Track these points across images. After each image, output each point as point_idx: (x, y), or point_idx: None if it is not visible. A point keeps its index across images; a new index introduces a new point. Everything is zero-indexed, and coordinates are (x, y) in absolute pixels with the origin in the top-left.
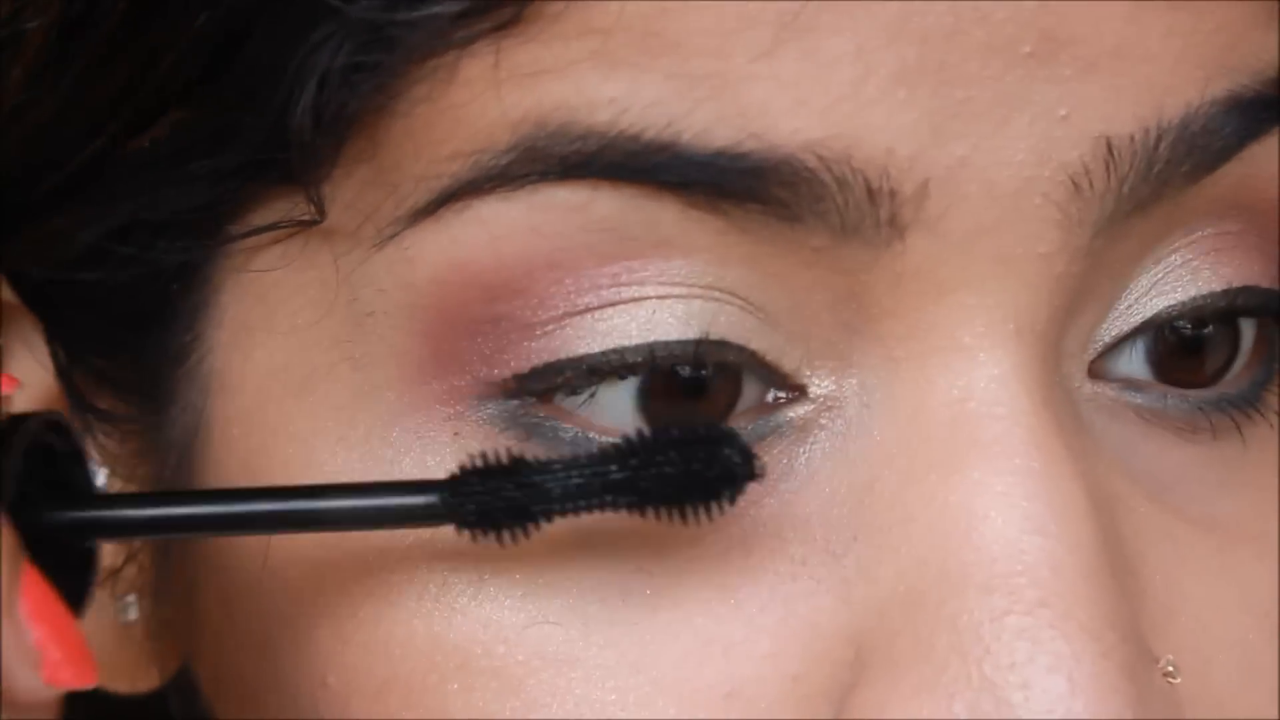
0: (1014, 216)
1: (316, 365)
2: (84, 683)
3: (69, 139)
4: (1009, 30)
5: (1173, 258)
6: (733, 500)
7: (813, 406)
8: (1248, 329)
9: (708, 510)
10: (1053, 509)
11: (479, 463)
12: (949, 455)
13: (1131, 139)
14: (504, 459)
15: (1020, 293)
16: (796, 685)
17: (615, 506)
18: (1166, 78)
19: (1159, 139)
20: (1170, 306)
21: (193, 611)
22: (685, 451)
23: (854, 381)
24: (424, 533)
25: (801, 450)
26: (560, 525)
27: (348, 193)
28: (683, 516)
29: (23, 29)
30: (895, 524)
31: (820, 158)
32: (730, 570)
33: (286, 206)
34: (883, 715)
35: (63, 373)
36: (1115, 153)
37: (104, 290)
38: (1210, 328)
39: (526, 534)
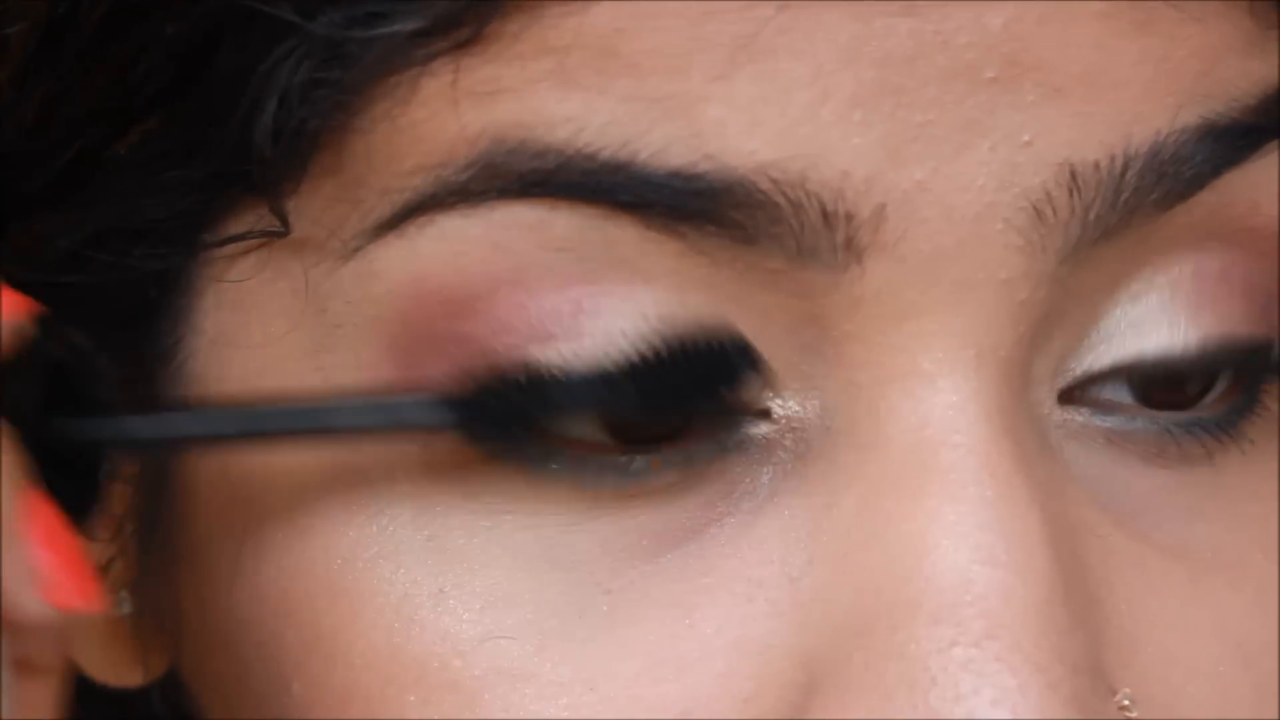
0: (974, 242)
1: (288, 375)
2: (87, 606)
3: (46, 145)
4: (970, 55)
5: (1150, 298)
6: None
7: (775, 427)
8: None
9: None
10: (1005, 539)
11: (491, 380)
12: (905, 482)
13: (1097, 166)
14: (517, 373)
15: (981, 319)
16: (748, 706)
17: (620, 409)
18: (1136, 105)
19: (1126, 167)
20: (1144, 354)
21: (175, 609)
22: (692, 360)
23: (816, 404)
24: (387, 542)
25: (764, 470)
26: (519, 538)
27: (315, 206)
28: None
29: (4, 34)
30: (851, 549)
31: (774, 180)
32: (687, 589)
33: (256, 218)
34: None
35: None
36: (1079, 180)
37: (87, 293)
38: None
39: (539, 441)
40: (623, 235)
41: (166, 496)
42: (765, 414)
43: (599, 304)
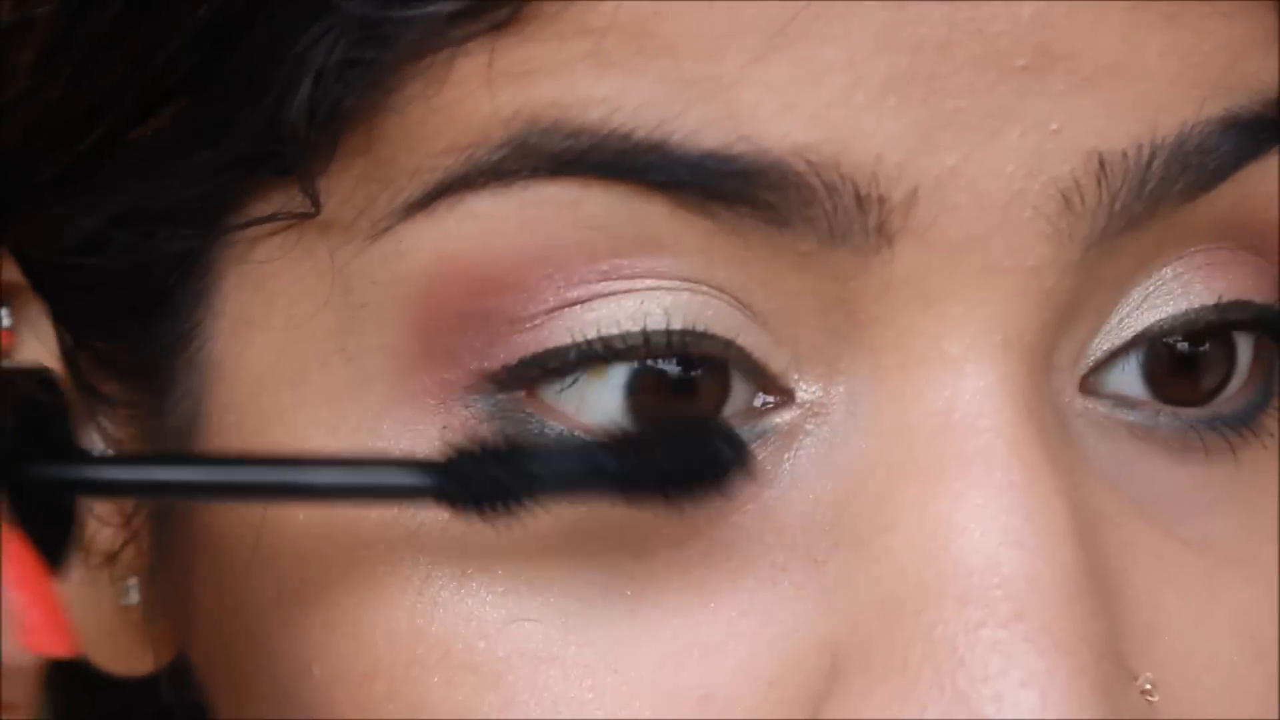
0: (1003, 228)
1: (311, 357)
2: (62, 650)
3: (73, 125)
4: (1003, 43)
5: (1164, 271)
6: (724, 492)
7: (799, 412)
8: (1244, 348)
9: (698, 501)
10: (1032, 523)
11: (471, 446)
12: (931, 466)
13: (1124, 155)
14: (498, 443)
15: (1008, 305)
16: (772, 690)
17: (606, 495)
18: (1162, 95)
19: (1152, 156)
20: (1161, 320)
21: (187, 596)
22: (678, 442)
23: (841, 389)
24: (410, 524)
25: (787, 456)
26: (544, 521)
27: (344, 186)
28: (674, 507)
29: (32, 14)
30: (876, 533)
31: (809, 162)
32: (711, 574)
33: (284, 199)
34: None
35: (67, 355)
36: (1107, 168)
37: (107, 275)
38: (1206, 345)
39: (515, 516)
40: (654, 214)
41: None
42: (789, 398)
43: (627, 274)
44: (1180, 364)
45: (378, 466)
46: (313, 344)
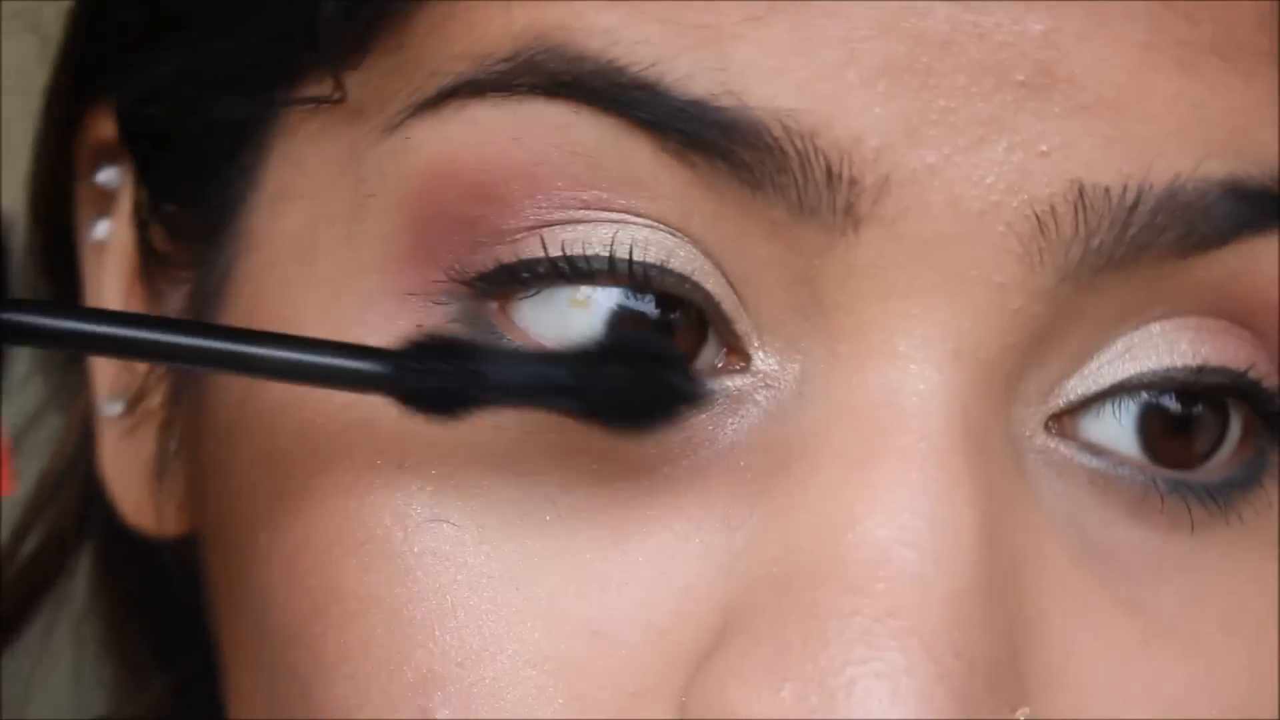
0: (973, 237)
1: (321, 238)
2: (4, 489)
3: None
4: (1004, 54)
5: (1153, 326)
6: (670, 420)
7: (752, 380)
8: (1236, 422)
9: (644, 426)
10: (933, 527)
11: (428, 341)
12: (854, 455)
13: (1107, 192)
14: (453, 342)
15: (967, 316)
16: (661, 639)
17: (553, 407)
18: (1161, 142)
19: (1138, 200)
20: (1141, 373)
21: (192, 461)
22: (633, 366)
23: (796, 366)
24: (364, 411)
25: (730, 421)
26: (486, 435)
27: (374, 79)
28: (620, 428)
29: None
30: (790, 509)
31: (786, 128)
32: (629, 517)
33: (325, 84)
34: (722, 685)
35: (139, 215)
36: (1086, 201)
37: (179, 134)
38: (1199, 406)
39: (455, 417)
40: (638, 152)
41: None
42: (747, 364)
43: (607, 205)
44: (1173, 424)
45: (333, 351)
46: (325, 226)
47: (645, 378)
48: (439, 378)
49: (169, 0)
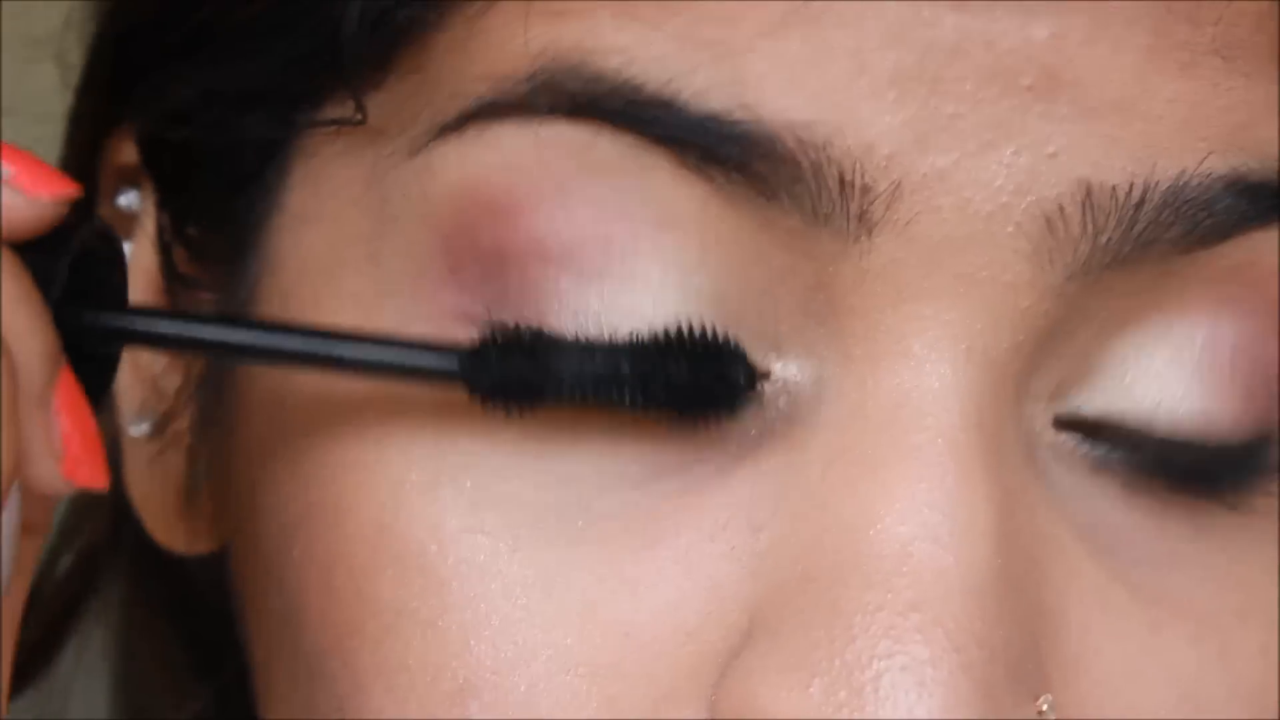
0: (983, 239)
1: (345, 257)
2: (96, 483)
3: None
4: (1011, 60)
5: (1159, 322)
6: (732, 411)
7: (772, 387)
8: None
9: (706, 414)
10: (952, 522)
11: (498, 336)
12: (872, 454)
13: (1114, 191)
14: (523, 336)
15: (979, 315)
16: (690, 639)
17: (620, 403)
18: (1165, 140)
19: (1144, 198)
20: (1147, 369)
21: (225, 472)
22: (695, 363)
23: (813, 372)
24: (395, 426)
25: (752, 424)
26: (521, 446)
27: (396, 100)
28: (683, 417)
29: None
30: (811, 509)
31: (800, 140)
32: (659, 520)
33: (347, 106)
34: (750, 684)
35: (162, 239)
36: (1094, 200)
37: (202, 156)
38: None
39: (530, 408)
40: (657, 169)
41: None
42: (765, 374)
43: (630, 246)
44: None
45: (407, 348)
46: (349, 246)
47: (708, 370)
48: (510, 369)
49: (191, 25)
